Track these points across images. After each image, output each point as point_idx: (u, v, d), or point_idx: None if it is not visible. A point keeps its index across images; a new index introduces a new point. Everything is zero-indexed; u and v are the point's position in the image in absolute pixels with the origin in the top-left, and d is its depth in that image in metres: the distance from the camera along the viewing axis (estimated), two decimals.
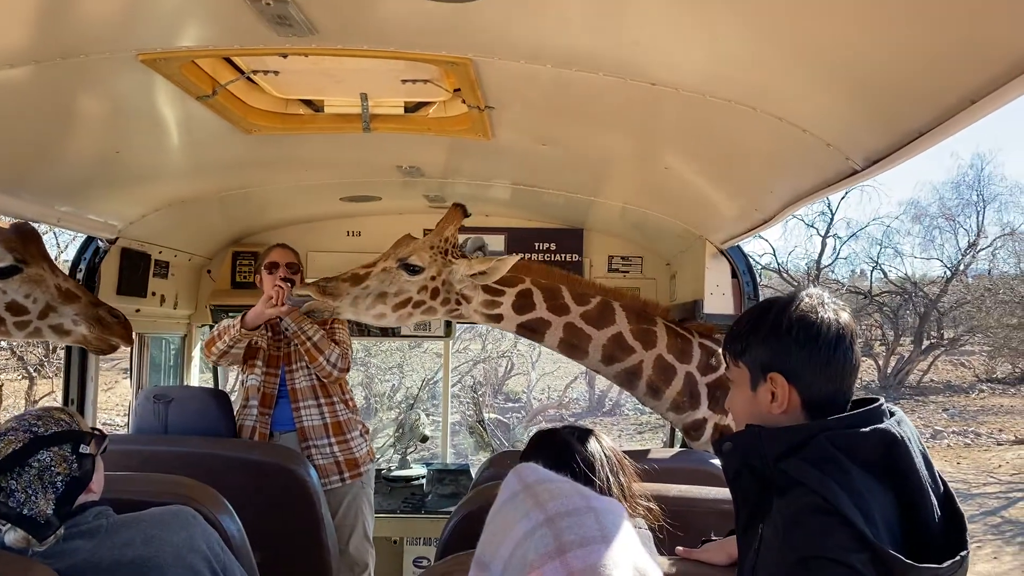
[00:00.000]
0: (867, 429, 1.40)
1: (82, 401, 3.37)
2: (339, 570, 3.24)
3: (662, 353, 2.93)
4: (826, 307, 1.49)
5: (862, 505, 1.32)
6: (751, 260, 3.42)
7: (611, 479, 1.80)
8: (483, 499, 2.32)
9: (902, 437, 1.40)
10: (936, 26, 1.35)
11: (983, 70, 1.36)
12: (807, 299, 1.51)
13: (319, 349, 3.35)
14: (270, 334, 3.48)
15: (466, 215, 3.00)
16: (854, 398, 1.51)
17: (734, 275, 3.30)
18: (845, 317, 1.49)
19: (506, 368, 15.55)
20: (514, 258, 2.86)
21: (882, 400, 1.48)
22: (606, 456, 1.83)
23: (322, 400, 3.45)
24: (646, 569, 1.01)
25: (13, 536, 1.69)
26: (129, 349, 3.99)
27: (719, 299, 3.25)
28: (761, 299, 3.35)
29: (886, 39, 1.45)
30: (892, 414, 1.46)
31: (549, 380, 15.45)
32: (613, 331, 2.91)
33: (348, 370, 3.48)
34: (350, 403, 3.57)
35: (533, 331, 2.96)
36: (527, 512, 1.00)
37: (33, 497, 1.71)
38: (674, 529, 1.93)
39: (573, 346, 2.95)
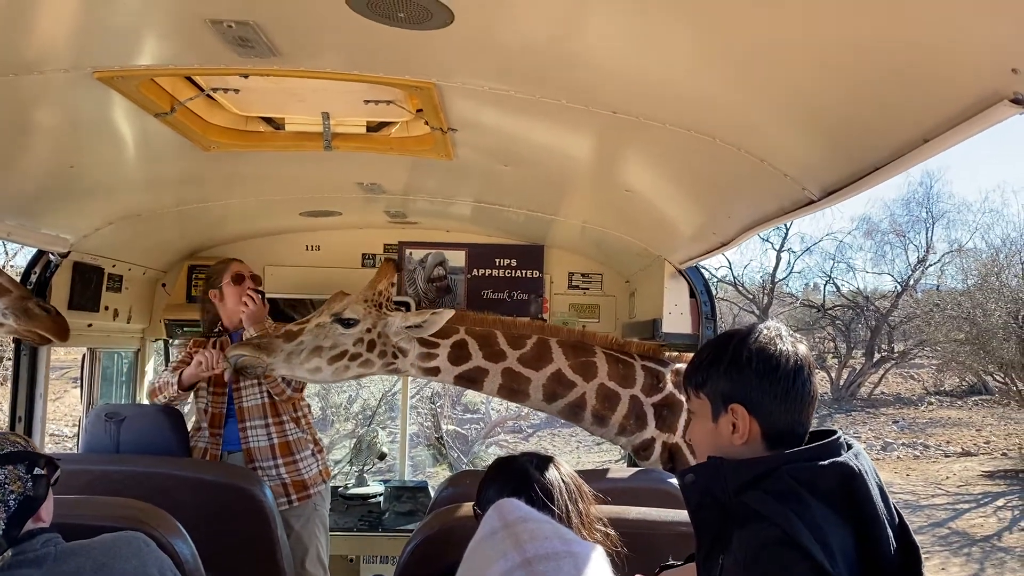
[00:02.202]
0: (826, 462, 1.42)
1: (30, 419, 3.27)
2: None
3: (603, 382, 2.95)
4: (784, 339, 1.52)
5: (821, 538, 1.34)
6: (708, 277, 3.48)
7: (569, 507, 1.81)
8: (441, 522, 2.32)
9: (860, 470, 1.43)
10: (893, 67, 1.39)
11: (937, 111, 1.41)
12: (765, 331, 1.53)
13: None
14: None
15: (398, 270, 3.02)
16: (812, 429, 1.54)
17: (692, 295, 3.34)
18: (803, 349, 1.53)
19: None
20: (449, 312, 2.87)
21: (839, 433, 1.51)
22: (564, 484, 1.84)
23: (270, 420, 3.36)
24: None
25: None
26: (80, 362, 3.92)
27: (677, 318, 3.29)
28: (718, 318, 3.41)
29: (844, 78, 1.49)
30: (850, 447, 1.49)
31: None
32: (552, 369, 2.93)
33: (301, 390, 3.40)
34: (302, 421, 3.47)
35: (472, 381, 2.97)
36: (505, 552, 1.00)
37: None
38: (633, 552, 1.94)
39: (513, 391, 2.96)
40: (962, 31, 1.22)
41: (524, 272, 4.20)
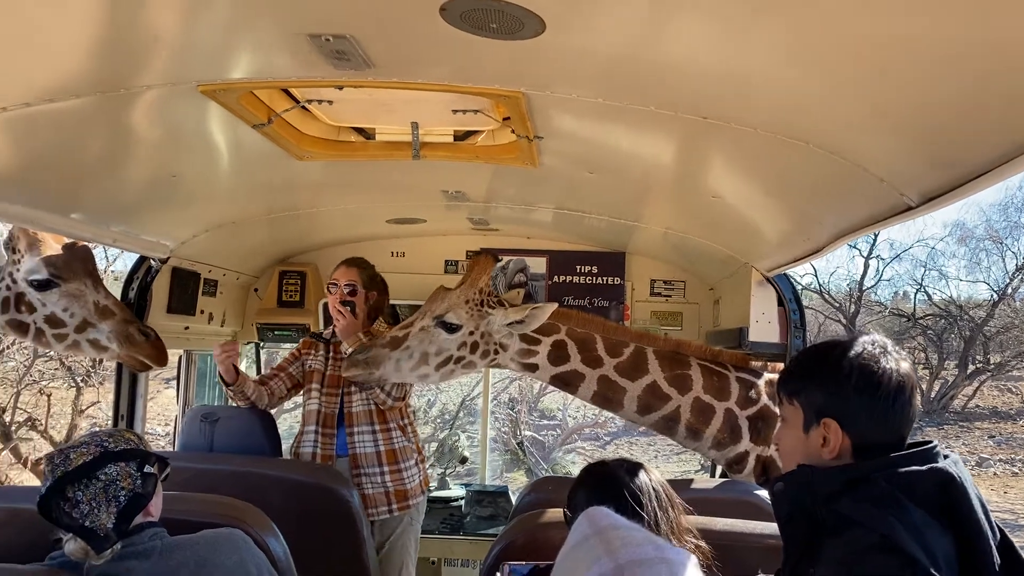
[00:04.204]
0: (924, 468, 1.37)
1: (131, 416, 3.44)
2: None
3: (698, 395, 2.90)
4: (888, 356, 1.46)
5: (924, 543, 1.28)
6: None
7: (659, 514, 1.79)
8: (526, 526, 2.32)
9: (959, 477, 1.37)
10: (998, 70, 1.34)
11: None
12: (869, 346, 1.48)
13: None
14: (331, 355, 3.45)
15: (496, 261, 3.02)
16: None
17: (780, 303, 3.26)
18: (906, 367, 1.47)
19: (542, 386, 15.50)
20: (552, 306, 2.86)
21: (935, 442, 1.45)
22: (654, 490, 1.82)
23: (377, 427, 3.34)
24: None
25: (73, 546, 1.75)
26: (176, 364, 4.08)
27: (765, 327, 3.22)
28: (807, 327, 3.32)
29: (947, 80, 1.44)
30: (946, 456, 1.43)
31: None
32: (647, 380, 2.89)
33: (403, 399, 3.37)
34: (408, 429, 3.44)
35: (567, 383, 2.95)
36: (598, 558, 1.00)
37: (96, 510, 1.76)
38: (720, 564, 1.90)
39: (607, 399, 2.94)
40: None
41: (605, 279, 4.18)
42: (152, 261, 3.36)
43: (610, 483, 1.81)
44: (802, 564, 1.44)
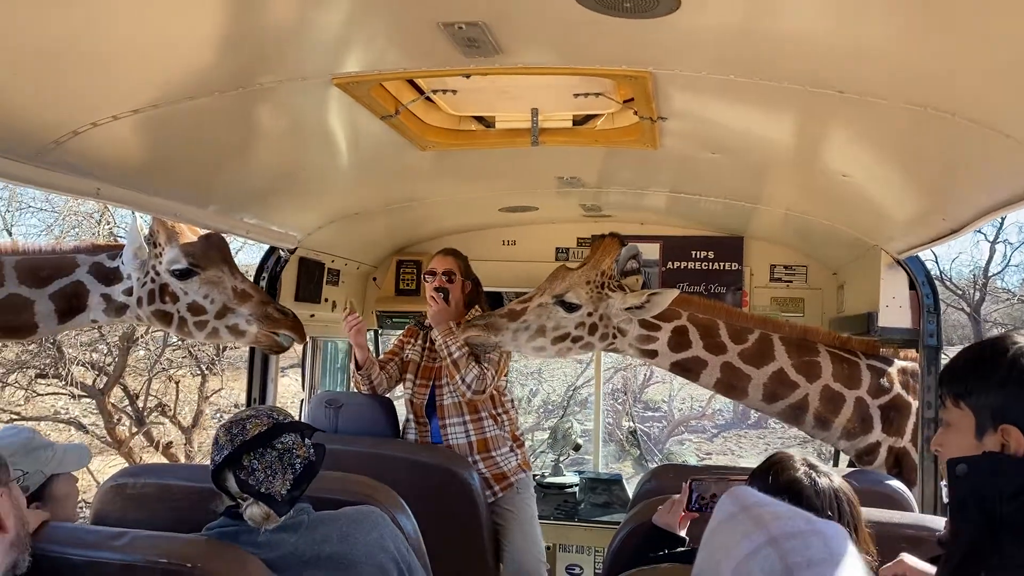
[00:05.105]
0: None
1: (263, 398, 3.61)
2: (509, 570, 3.32)
3: (828, 383, 2.81)
4: None
5: None
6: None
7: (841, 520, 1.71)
8: (651, 511, 2.32)
9: None
10: None
11: None
12: None
13: (457, 367, 3.28)
14: (427, 346, 3.53)
15: (623, 245, 3.00)
16: None
17: (911, 286, 3.12)
18: None
19: (645, 376, 15.36)
20: (673, 292, 2.82)
21: None
22: (837, 497, 1.74)
23: (467, 417, 3.39)
24: None
25: (254, 510, 1.83)
26: (301, 351, 4.27)
27: (896, 312, 3.07)
28: (942, 312, 3.16)
29: None
30: None
31: (691, 390, 15.10)
32: (773, 368, 2.82)
33: (483, 392, 3.32)
34: (500, 418, 3.46)
35: (687, 371, 2.91)
36: (748, 533, 0.99)
37: (271, 477, 1.85)
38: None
39: (731, 386, 2.88)
40: None
41: (722, 264, 4.10)
42: (281, 252, 3.51)
43: (790, 484, 1.74)
44: (968, 564, 1.31)
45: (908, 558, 1.77)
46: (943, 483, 1.45)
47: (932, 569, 1.62)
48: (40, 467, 2.18)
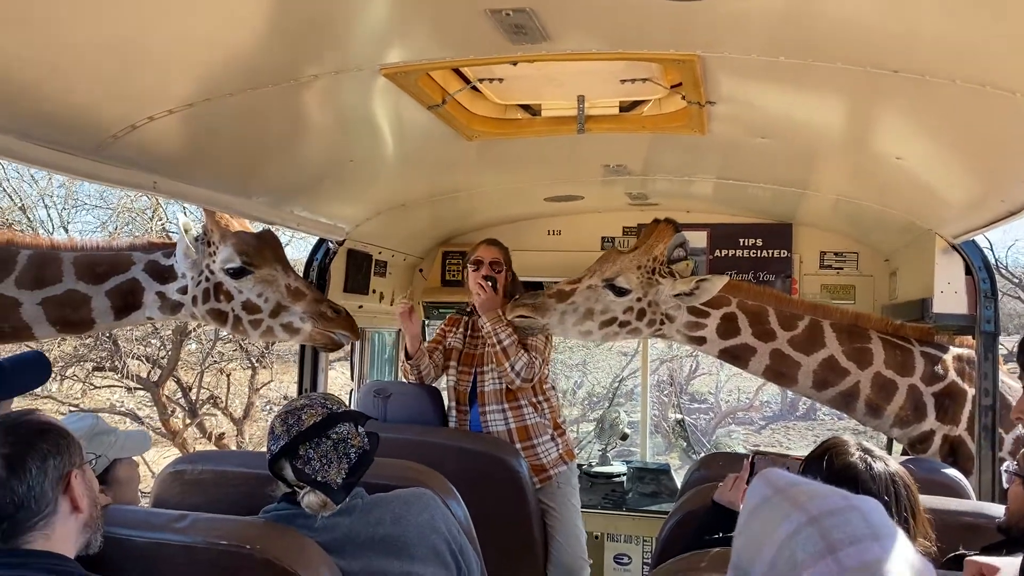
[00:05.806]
0: None
1: (314, 388, 3.67)
2: (552, 565, 3.32)
3: (879, 370, 2.76)
4: None
5: None
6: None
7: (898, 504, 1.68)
8: (703, 498, 2.31)
9: None
10: None
11: None
12: None
13: (506, 354, 3.29)
14: (468, 333, 3.56)
15: (677, 230, 2.97)
16: None
17: (967, 271, 3.04)
18: None
19: (691, 368, 15.23)
20: (723, 279, 2.79)
21: None
22: (893, 482, 1.71)
23: (507, 405, 3.39)
24: (921, 567, 0.97)
25: (311, 498, 1.87)
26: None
27: (951, 298, 3.00)
28: (1000, 298, 3.08)
29: None
30: None
31: (738, 381, 14.94)
32: (824, 355, 2.78)
33: (532, 380, 3.36)
34: (540, 406, 3.45)
35: (736, 358, 2.88)
36: (787, 514, 0.98)
37: (327, 466, 1.88)
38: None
39: (780, 374, 2.84)
40: None
41: (771, 252, 4.04)
42: (330, 243, 3.56)
43: (846, 469, 1.72)
44: None
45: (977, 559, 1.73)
46: (1005, 467, 1.42)
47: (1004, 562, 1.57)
48: (104, 451, 2.25)
